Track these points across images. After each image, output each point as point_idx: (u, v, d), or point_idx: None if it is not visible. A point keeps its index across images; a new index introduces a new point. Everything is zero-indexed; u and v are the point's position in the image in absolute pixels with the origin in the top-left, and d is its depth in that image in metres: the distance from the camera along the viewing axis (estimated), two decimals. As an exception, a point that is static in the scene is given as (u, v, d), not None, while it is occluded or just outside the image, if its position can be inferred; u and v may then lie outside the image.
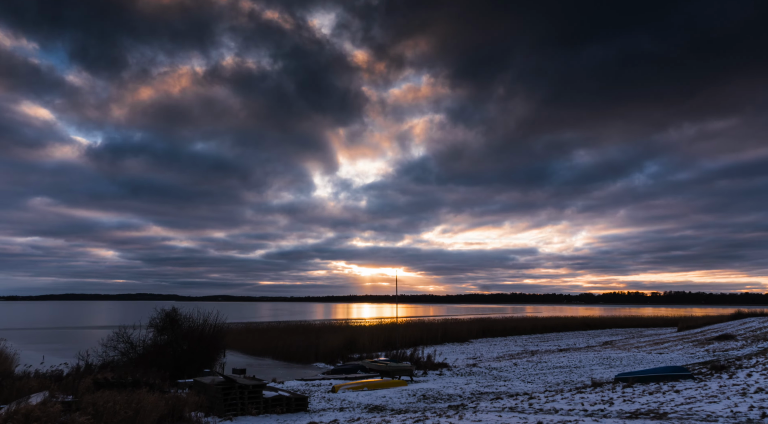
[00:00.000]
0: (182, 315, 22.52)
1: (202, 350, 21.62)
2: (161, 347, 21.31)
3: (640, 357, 27.31)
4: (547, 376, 21.55)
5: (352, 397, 16.74)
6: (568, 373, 22.27)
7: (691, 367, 18.88)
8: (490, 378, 21.44)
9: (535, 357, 31.08)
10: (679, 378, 14.42)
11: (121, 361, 20.76)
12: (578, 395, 13.17)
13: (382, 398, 16.40)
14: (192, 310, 23.34)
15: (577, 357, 29.41)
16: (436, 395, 16.95)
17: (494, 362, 28.92)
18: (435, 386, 19.26)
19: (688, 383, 13.20)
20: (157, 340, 21.81)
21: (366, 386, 19.00)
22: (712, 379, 13.72)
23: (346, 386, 18.77)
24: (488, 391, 17.59)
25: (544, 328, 58.89)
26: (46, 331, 58.85)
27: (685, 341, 36.13)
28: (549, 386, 18.33)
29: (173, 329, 21.90)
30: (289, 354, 32.97)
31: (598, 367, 24.02)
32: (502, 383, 19.78)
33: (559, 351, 35.39)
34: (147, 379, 15.16)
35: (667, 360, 24.78)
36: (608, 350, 33.41)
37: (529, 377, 21.58)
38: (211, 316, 23.00)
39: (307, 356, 32.17)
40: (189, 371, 20.37)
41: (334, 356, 32.35)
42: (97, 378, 14.42)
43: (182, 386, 17.45)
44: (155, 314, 22.41)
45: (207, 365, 21.42)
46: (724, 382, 12.78)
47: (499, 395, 16.30)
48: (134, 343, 21.62)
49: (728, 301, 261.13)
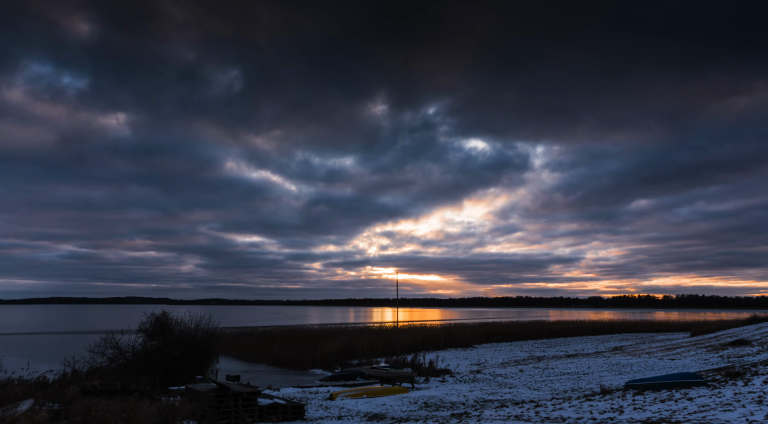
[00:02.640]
0: (173, 319, 22.52)
1: (194, 355, 21.62)
2: (151, 353, 21.31)
3: (651, 363, 27.32)
4: (554, 383, 21.56)
5: (350, 405, 16.75)
6: (576, 380, 22.28)
7: (704, 374, 18.90)
8: (494, 385, 21.46)
9: (541, 363, 31.09)
10: (692, 385, 14.43)
11: (110, 367, 20.76)
12: (587, 402, 13.19)
13: (382, 406, 16.41)
14: (183, 314, 23.35)
15: (585, 363, 29.43)
16: (439, 402, 16.96)
17: (499, 369, 28.93)
18: (437, 393, 19.27)
19: (701, 391, 13.22)
20: (147, 345, 21.80)
21: (365, 393, 19.02)
22: (727, 386, 13.73)
23: (345, 393, 18.78)
24: (493, 398, 17.61)
25: (551, 333, 58.90)
26: (30, 336, 58.86)
27: (698, 347, 36.15)
28: (556, 393, 18.34)
29: (164, 334, 21.89)
30: (285, 360, 32.99)
31: (607, 373, 24.03)
32: (508, 390, 19.79)
33: (566, 357, 35.40)
34: (137, 386, 15.20)
35: (680, 366, 24.79)
36: (618, 356, 33.42)
37: (536, 384, 21.60)
38: (204, 320, 23.02)
39: (303, 362, 32.20)
40: (181, 378, 20.38)
41: (332, 362, 32.36)
42: (85, 385, 14.44)
43: (174, 393, 17.45)
44: (145, 318, 22.41)
45: (199, 371, 21.43)
46: (739, 389, 12.79)
47: (504, 402, 16.31)
48: (123, 349, 21.61)
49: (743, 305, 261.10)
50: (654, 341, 49.00)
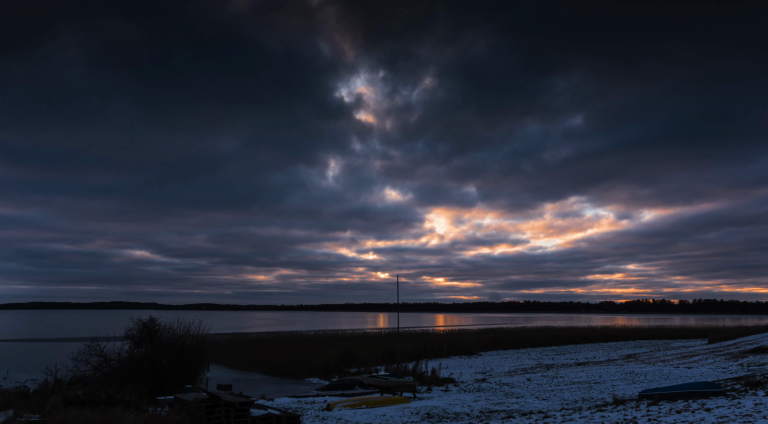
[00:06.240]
0: (161, 325, 22.51)
1: (183, 363, 21.60)
2: (138, 361, 21.29)
3: (666, 372, 27.30)
4: (564, 392, 21.56)
5: (349, 416, 16.74)
6: (587, 389, 22.28)
7: (723, 383, 18.88)
8: (500, 395, 21.45)
9: (550, 371, 31.09)
10: (710, 395, 14.42)
11: (94, 376, 20.73)
12: (598, 413, 13.17)
13: (382, 417, 16.41)
14: (172, 320, 23.33)
15: (597, 371, 29.42)
16: (442, 413, 16.96)
17: (505, 377, 28.93)
18: (440, 403, 19.26)
19: (719, 401, 13.20)
20: (134, 353, 21.78)
21: (364, 403, 19.00)
22: (747, 396, 13.71)
23: (343, 403, 18.77)
24: (499, 409, 17.60)
25: (561, 339, 58.93)
26: (9, 344, 58.87)
27: (716, 354, 36.12)
28: (566, 403, 18.33)
29: (152, 340, 21.88)
30: (279, 368, 32.99)
31: (620, 382, 24.02)
32: (515, 400, 19.79)
33: (577, 365, 35.40)
34: (122, 396, 15.17)
35: (697, 375, 24.76)
36: (631, 364, 33.42)
37: (544, 393, 21.59)
38: (194, 326, 23.00)
39: (299, 371, 32.19)
40: (169, 387, 20.36)
41: (330, 371, 32.37)
42: (67, 395, 14.42)
43: (161, 403, 17.44)
44: (132, 324, 22.39)
45: (189, 380, 21.41)
46: (759, 399, 12.77)
47: (511, 413, 16.30)
48: (108, 356, 21.58)
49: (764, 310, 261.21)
50: (669, 348, 49.00)
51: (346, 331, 71.07)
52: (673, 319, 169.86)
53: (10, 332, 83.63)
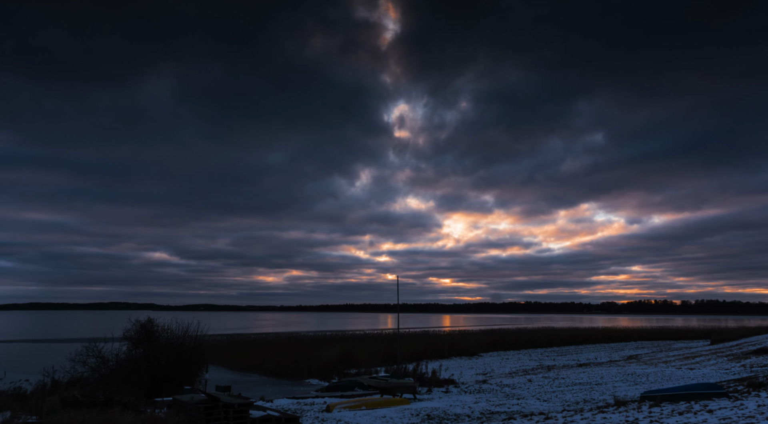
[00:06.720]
0: (160, 326, 22.50)
1: (181, 365, 21.59)
2: (136, 362, 21.28)
3: (668, 373, 27.30)
4: (566, 394, 21.57)
5: (348, 417, 16.75)
6: (588, 390, 22.29)
7: (725, 384, 18.88)
8: (501, 396, 21.46)
9: (551, 373, 31.10)
10: (713, 396, 14.42)
11: (92, 377, 20.71)
12: (600, 415, 13.17)
13: (382, 418, 16.42)
14: (170, 320, 23.33)
15: (598, 373, 29.43)
16: (442, 415, 16.96)
17: (506, 379, 28.94)
18: (441, 405, 19.27)
19: (722, 402, 13.21)
20: (132, 354, 21.77)
21: (364, 404, 19.01)
22: (750, 397, 13.72)
23: (342, 404, 18.77)
24: (500, 410, 17.60)
25: (562, 340, 58.90)
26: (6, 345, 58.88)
27: (719, 356, 36.13)
28: (567, 405, 18.34)
29: (150, 341, 21.87)
30: (279, 370, 32.99)
31: (621, 384, 24.02)
32: (515, 401, 19.80)
33: (578, 366, 35.40)
34: (120, 397, 15.17)
35: (699, 376, 24.77)
36: (633, 365, 33.42)
37: (545, 394, 21.60)
38: (192, 327, 23.00)
39: (299, 372, 32.19)
40: (167, 389, 20.35)
41: (329, 372, 32.37)
42: (65, 396, 14.42)
43: (160, 405, 17.44)
44: (130, 324, 22.39)
45: (187, 381, 21.41)
46: (762, 401, 12.78)
47: (512, 415, 16.31)
48: (106, 357, 21.57)
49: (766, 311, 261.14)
50: (671, 349, 48.99)
51: (346, 332, 71.09)
52: (675, 320, 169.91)
53: (8, 333, 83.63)
